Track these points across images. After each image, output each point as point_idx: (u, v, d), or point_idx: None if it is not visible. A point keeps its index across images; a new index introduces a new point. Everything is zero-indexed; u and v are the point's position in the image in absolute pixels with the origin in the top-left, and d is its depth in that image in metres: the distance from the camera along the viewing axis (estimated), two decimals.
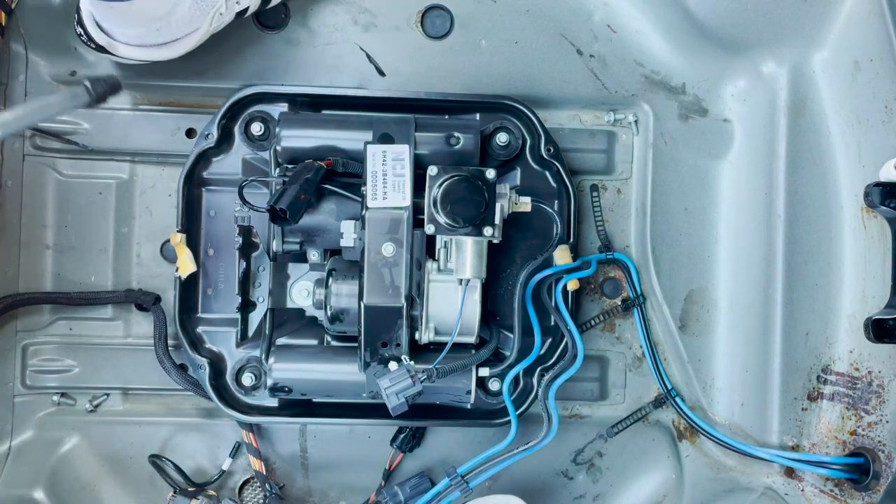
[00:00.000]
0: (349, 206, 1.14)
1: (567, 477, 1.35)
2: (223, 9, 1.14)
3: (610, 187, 1.33)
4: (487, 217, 1.09)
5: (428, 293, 1.13)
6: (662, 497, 1.31)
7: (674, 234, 1.30)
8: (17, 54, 1.23)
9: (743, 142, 1.27)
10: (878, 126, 1.05)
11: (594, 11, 1.28)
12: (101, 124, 1.25)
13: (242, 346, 1.24)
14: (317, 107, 1.24)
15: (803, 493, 1.16)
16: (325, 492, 1.33)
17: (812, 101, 1.15)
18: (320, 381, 1.18)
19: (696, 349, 1.29)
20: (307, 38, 1.26)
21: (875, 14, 1.03)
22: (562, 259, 1.20)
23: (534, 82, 1.29)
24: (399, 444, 1.30)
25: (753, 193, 1.24)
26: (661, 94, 1.29)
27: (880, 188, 1.00)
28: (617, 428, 1.32)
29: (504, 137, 1.23)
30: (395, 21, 1.27)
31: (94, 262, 1.27)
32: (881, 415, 1.05)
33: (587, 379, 1.33)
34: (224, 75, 1.25)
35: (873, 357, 1.07)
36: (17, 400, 1.26)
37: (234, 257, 1.23)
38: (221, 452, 1.30)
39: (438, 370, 1.06)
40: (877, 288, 1.06)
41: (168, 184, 1.28)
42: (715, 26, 1.20)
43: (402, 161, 1.10)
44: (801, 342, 1.17)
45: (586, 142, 1.32)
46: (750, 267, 1.25)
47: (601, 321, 1.32)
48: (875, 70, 1.05)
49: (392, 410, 1.02)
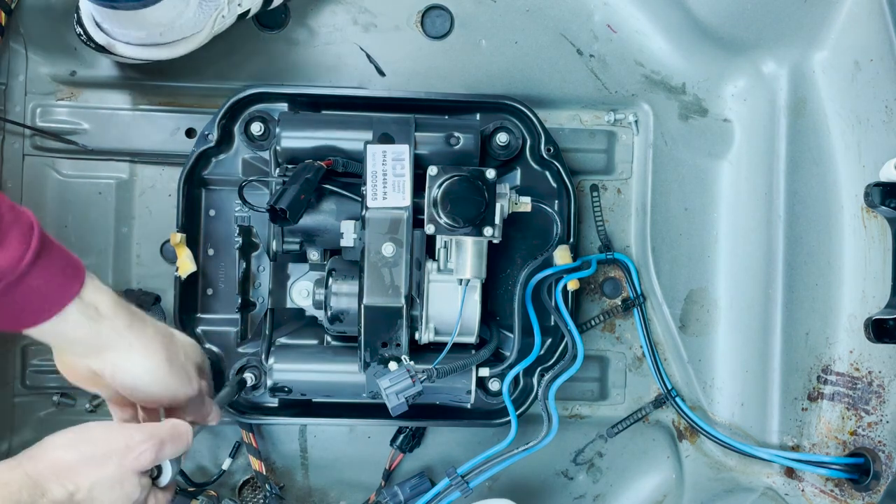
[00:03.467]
0: (349, 206, 1.14)
1: (567, 477, 1.35)
2: (225, 11, 1.14)
3: (610, 187, 1.33)
4: (487, 217, 1.09)
5: (428, 293, 1.13)
6: (662, 497, 1.31)
7: (674, 234, 1.30)
8: (17, 54, 1.23)
9: (743, 142, 1.27)
10: (878, 126, 1.05)
11: (594, 11, 1.28)
12: (101, 124, 1.25)
13: (242, 346, 1.24)
14: (317, 107, 1.24)
15: (803, 493, 1.16)
16: (325, 492, 1.33)
17: (812, 101, 1.15)
18: (320, 381, 1.18)
19: (696, 349, 1.29)
20: (307, 38, 1.26)
21: (875, 14, 1.03)
22: (562, 259, 1.20)
23: (534, 82, 1.29)
24: (399, 444, 1.30)
25: (753, 193, 1.24)
26: (661, 94, 1.29)
27: (880, 188, 1.00)
28: (617, 428, 1.32)
29: (504, 137, 1.22)
30: (395, 21, 1.27)
31: (94, 262, 1.27)
32: (881, 415, 1.05)
33: (587, 379, 1.33)
34: (224, 75, 1.25)
35: (873, 357, 1.07)
36: (17, 400, 1.26)
37: (234, 257, 1.23)
38: (221, 452, 1.30)
39: (438, 370, 1.06)
40: (877, 288, 1.06)
41: (168, 184, 1.28)
42: (715, 26, 1.20)
43: (402, 161, 1.10)
44: (801, 342, 1.17)
45: (586, 142, 1.32)
46: (750, 267, 1.25)
47: (601, 321, 1.32)
48: (875, 70, 1.05)
49: (392, 410, 1.02)
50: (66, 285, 0.77)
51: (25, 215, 0.76)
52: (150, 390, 0.86)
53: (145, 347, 0.84)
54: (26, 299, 0.75)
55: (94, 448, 0.76)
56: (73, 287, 0.78)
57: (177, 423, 0.84)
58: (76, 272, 0.79)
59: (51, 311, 0.77)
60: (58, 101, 1.25)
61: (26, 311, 0.76)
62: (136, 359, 0.84)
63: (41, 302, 0.76)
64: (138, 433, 0.79)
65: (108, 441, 0.77)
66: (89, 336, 0.80)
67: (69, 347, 0.83)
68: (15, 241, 0.74)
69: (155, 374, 0.85)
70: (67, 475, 0.74)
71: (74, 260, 0.80)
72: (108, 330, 0.81)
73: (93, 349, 0.82)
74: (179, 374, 0.88)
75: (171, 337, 0.89)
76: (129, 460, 0.77)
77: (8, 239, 0.73)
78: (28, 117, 1.24)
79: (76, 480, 0.74)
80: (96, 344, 0.82)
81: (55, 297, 0.77)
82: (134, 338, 0.83)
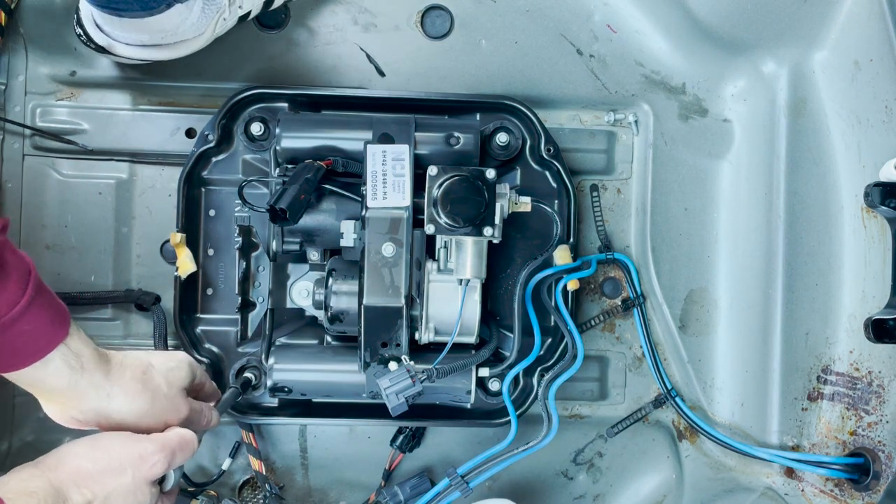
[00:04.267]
0: (349, 206, 1.14)
1: (567, 477, 1.35)
2: (226, 14, 1.14)
3: (610, 187, 1.33)
4: (487, 217, 1.09)
5: (428, 293, 1.13)
6: (662, 497, 1.31)
7: (674, 234, 1.30)
8: (17, 54, 1.23)
9: (743, 142, 1.27)
10: (878, 126, 1.05)
11: (594, 11, 1.28)
12: (101, 124, 1.25)
13: (242, 346, 1.24)
14: (317, 107, 1.24)
15: (803, 493, 1.16)
16: (325, 492, 1.33)
17: (812, 101, 1.15)
18: (320, 381, 1.18)
19: (696, 349, 1.29)
20: (307, 38, 1.26)
21: (875, 14, 1.03)
22: (562, 259, 1.20)
23: (534, 82, 1.29)
24: (399, 444, 1.30)
25: (753, 193, 1.24)
26: (661, 94, 1.29)
27: (880, 188, 1.00)
28: (617, 428, 1.32)
29: (504, 137, 1.23)
30: (395, 21, 1.27)
31: (94, 262, 1.27)
32: (881, 415, 1.05)
33: (587, 379, 1.33)
34: (224, 75, 1.25)
35: (873, 357, 1.07)
36: (17, 400, 1.26)
37: (234, 257, 1.23)
38: (221, 452, 1.30)
39: (438, 370, 1.06)
40: (877, 288, 1.06)
41: (168, 184, 1.28)
42: (715, 26, 1.20)
43: (402, 161, 1.10)
44: (801, 342, 1.17)
45: (586, 142, 1.32)
46: (750, 267, 1.25)
47: (601, 321, 1.32)
48: (875, 70, 1.05)
49: (392, 410, 1.02)
50: (54, 332, 0.80)
51: (25, 261, 0.79)
52: (140, 427, 0.88)
53: (125, 394, 0.86)
54: (16, 342, 0.78)
55: (110, 458, 0.80)
56: (60, 333, 0.81)
57: (183, 432, 0.88)
58: (63, 320, 0.82)
59: (36, 355, 0.79)
60: (58, 101, 1.25)
61: (15, 353, 0.79)
62: (117, 406, 0.86)
63: (30, 345, 0.79)
64: (151, 444, 0.83)
65: (124, 452, 0.81)
66: (68, 387, 0.83)
67: (49, 396, 0.85)
68: (13, 286, 0.77)
69: (139, 414, 0.87)
70: (87, 484, 0.78)
71: (62, 307, 0.83)
72: (86, 384, 0.83)
73: (72, 400, 0.84)
74: (165, 406, 0.90)
75: (150, 371, 0.90)
76: (143, 470, 0.82)
77: (8, 283, 0.76)
78: (28, 117, 1.24)
79: (94, 489, 0.78)
80: (74, 395, 0.84)
81: (43, 342, 0.79)
82: (112, 386, 0.85)
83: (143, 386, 0.88)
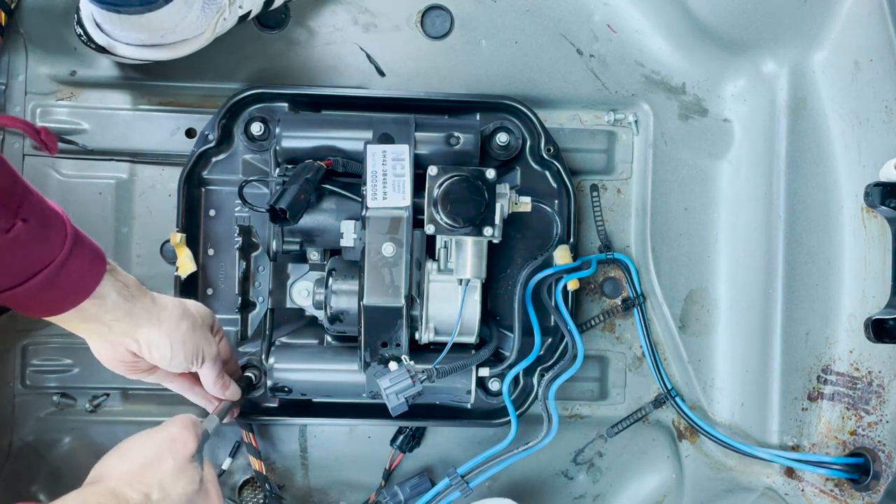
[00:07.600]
0: (349, 206, 1.14)
1: (567, 477, 1.35)
2: (226, 13, 1.14)
3: (610, 187, 1.33)
4: (487, 217, 1.09)
5: (428, 293, 1.13)
6: (662, 497, 1.31)
7: (674, 234, 1.30)
8: (17, 54, 1.23)
9: (743, 142, 1.27)
10: (878, 126, 1.05)
11: (594, 11, 1.28)
12: (101, 124, 1.25)
13: (242, 346, 1.24)
14: (317, 107, 1.24)
15: (803, 493, 1.16)
16: (325, 492, 1.33)
17: (812, 101, 1.15)
18: (320, 381, 1.18)
19: (696, 349, 1.29)
20: (307, 38, 1.27)
21: (875, 14, 1.03)
22: (562, 259, 1.20)
23: (534, 82, 1.29)
24: (399, 444, 1.30)
25: (753, 193, 1.25)
26: (661, 94, 1.29)
27: (880, 188, 1.00)
28: (617, 428, 1.32)
29: (504, 137, 1.23)
30: (395, 21, 1.27)
31: None
32: (881, 415, 1.05)
33: (587, 379, 1.33)
34: (224, 75, 1.25)
35: (873, 357, 1.07)
36: (17, 400, 1.26)
37: (234, 257, 1.23)
38: (221, 452, 1.30)
39: (438, 370, 1.06)
40: (877, 288, 1.06)
41: (168, 184, 1.28)
42: (715, 26, 1.20)
43: (402, 161, 1.10)
44: (801, 342, 1.17)
45: (586, 142, 1.32)
46: (750, 267, 1.25)
47: (601, 321, 1.32)
48: (875, 70, 1.05)
49: (392, 410, 1.02)
50: (97, 266, 0.86)
51: (57, 213, 0.84)
52: (181, 357, 0.97)
53: (170, 320, 0.95)
54: (68, 283, 0.83)
55: (144, 454, 0.85)
56: (102, 266, 0.86)
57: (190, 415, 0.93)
58: (100, 255, 0.87)
59: (89, 288, 0.85)
60: (58, 101, 1.25)
61: (74, 290, 0.84)
62: (165, 331, 0.94)
63: (79, 283, 0.85)
64: (172, 426, 0.89)
65: (152, 443, 0.86)
66: (124, 314, 0.89)
67: (107, 331, 0.91)
68: (55, 237, 0.82)
69: (183, 342, 0.96)
70: (138, 481, 0.82)
71: (96, 244, 0.88)
72: (139, 308, 0.91)
73: (128, 328, 0.91)
74: (200, 337, 0.99)
75: (185, 305, 0.99)
76: (178, 449, 0.87)
77: (50, 236, 0.81)
78: (28, 117, 1.24)
79: (147, 482, 0.82)
80: (131, 322, 0.91)
81: (92, 274, 0.85)
82: (161, 311, 0.94)
83: (184, 312, 0.97)
